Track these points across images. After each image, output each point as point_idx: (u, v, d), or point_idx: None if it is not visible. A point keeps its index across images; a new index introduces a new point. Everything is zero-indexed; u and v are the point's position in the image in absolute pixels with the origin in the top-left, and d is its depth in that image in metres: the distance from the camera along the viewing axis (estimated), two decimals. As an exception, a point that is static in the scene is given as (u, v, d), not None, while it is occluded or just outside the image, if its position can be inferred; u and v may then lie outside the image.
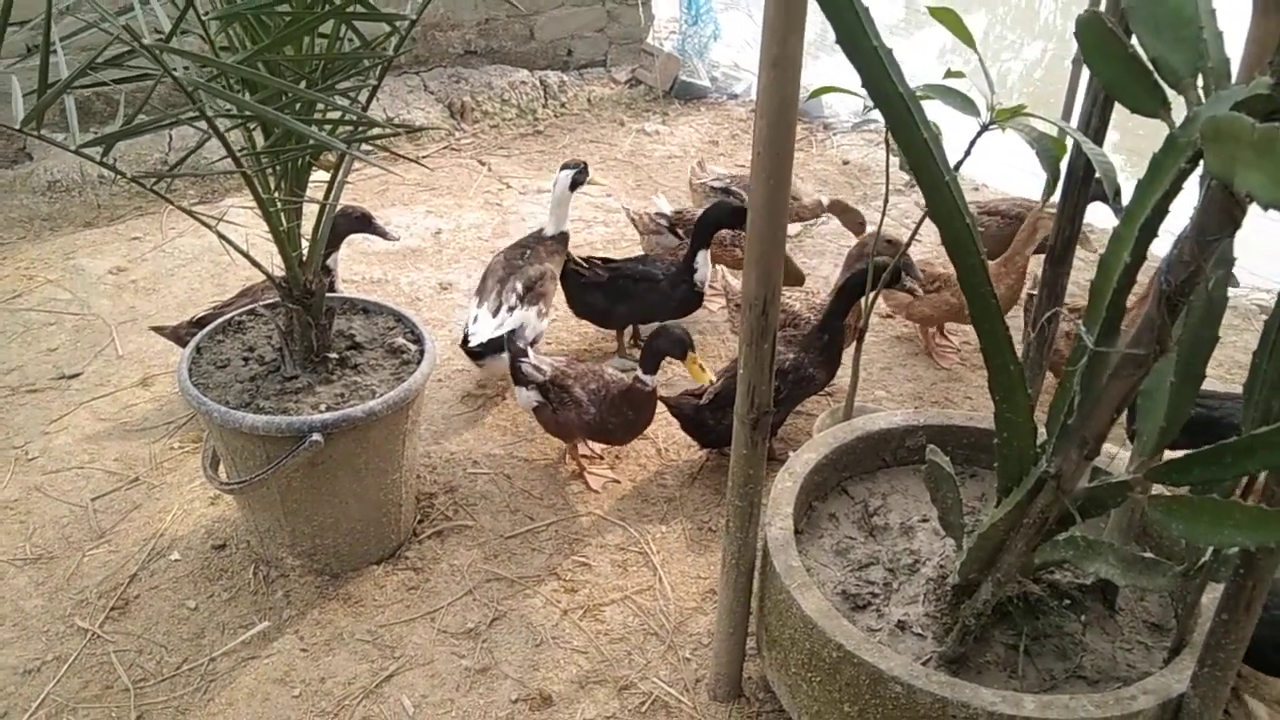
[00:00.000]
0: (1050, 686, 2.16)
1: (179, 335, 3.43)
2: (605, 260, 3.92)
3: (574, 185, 3.76)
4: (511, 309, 3.52)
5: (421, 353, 2.86)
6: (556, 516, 3.12)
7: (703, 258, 3.76)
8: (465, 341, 3.49)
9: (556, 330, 4.14)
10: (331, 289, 3.40)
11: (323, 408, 2.65)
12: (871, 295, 2.89)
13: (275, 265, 2.68)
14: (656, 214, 4.31)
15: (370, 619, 2.76)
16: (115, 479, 3.27)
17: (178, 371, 2.72)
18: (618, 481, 3.27)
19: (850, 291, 3.20)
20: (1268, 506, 1.56)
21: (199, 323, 3.37)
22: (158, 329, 3.52)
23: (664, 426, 3.54)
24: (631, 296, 3.79)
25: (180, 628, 2.74)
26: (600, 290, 3.81)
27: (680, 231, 4.24)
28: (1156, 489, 1.90)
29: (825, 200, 4.41)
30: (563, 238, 3.77)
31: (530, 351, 3.24)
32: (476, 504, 3.16)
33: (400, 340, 2.91)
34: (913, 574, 2.43)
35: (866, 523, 2.62)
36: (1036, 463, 1.91)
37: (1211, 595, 2.04)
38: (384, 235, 3.65)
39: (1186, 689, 1.96)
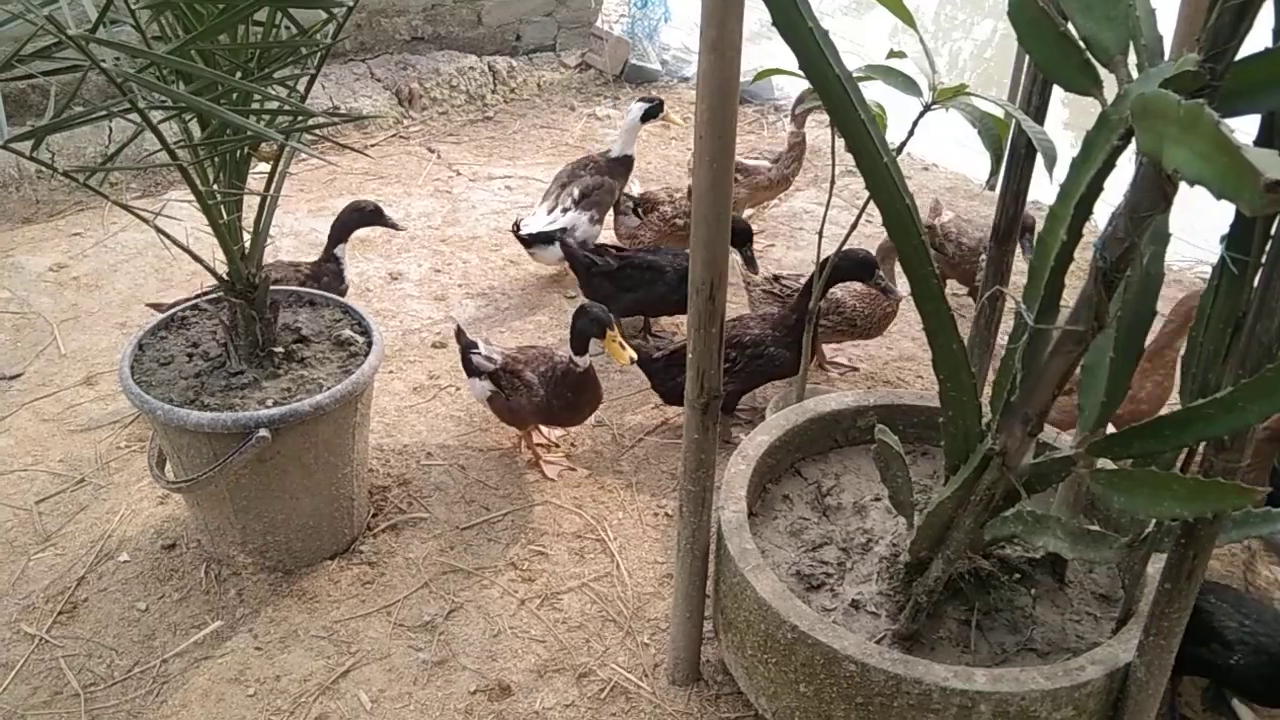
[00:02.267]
0: (1002, 660, 2.19)
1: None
2: (617, 249, 3.93)
3: (646, 117, 4.23)
4: (565, 210, 4.08)
5: (369, 344, 2.82)
6: (513, 506, 3.11)
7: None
8: (517, 228, 4.07)
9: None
10: (340, 279, 3.53)
11: (269, 403, 2.61)
12: (820, 284, 2.90)
13: (218, 260, 2.63)
14: (624, 195, 4.31)
15: (325, 615, 2.74)
16: (60, 480, 3.20)
17: (119, 370, 2.67)
18: (573, 469, 3.27)
19: (831, 279, 3.22)
20: (1204, 478, 1.59)
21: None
22: (154, 305, 3.50)
23: (619, 413, 3.54)
24: (639, 286, 3.77)
25: (131, 630, 2.69)
26: (609, 279, 3.80)
27: (641, 212, 4.24)
28: (1100, 463, 1.93)
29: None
30: (627, 160, 4.28)
31: (480, 343, 3.22)
32: (431, 496, 3.14)
33: (347, 332, 2.88)
34: (866, 553, 2.45)
35: (820, 503, 2.64)
36: (982, 440, 1.93)
37: (1156, 565, 2.08)
38: (395, 227, 3.76)
39: (1133, 658, 2.00)
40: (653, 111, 4.25)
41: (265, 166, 2.70)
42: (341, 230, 3.53)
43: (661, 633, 2.68)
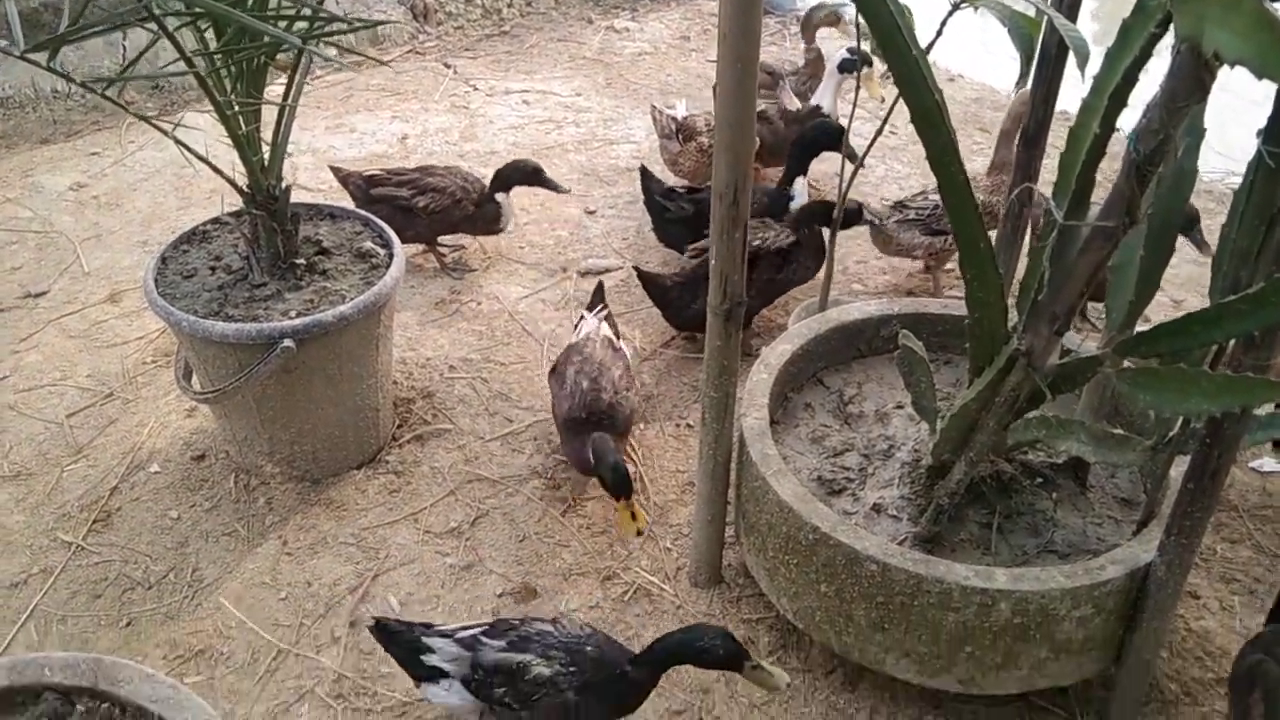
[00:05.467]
0: (1022, 561, 2.21)
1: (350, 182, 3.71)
2: (690, 189, 3.68)
3: (844, 69, 3.92)
4: None
5: (390, 257, 2.82)
6: (535, 418, 3.13)
7: (800, 185, 3.53)
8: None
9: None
10: (496, 220, 3.70)
11: (293, 314, 2.62)
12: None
13: (238, 172, 2.62)
14: (669, 116, 4.17)
15: (353, 522, 2.79)
16: (89, 395, 3.25)
17: (144, 282, 2.68)
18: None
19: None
20: (1233, 374, 1.57)
21: (371, 180, 3.67)
22: (335, 169, 3.74)
23: (640, 325, 3.54)
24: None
25: (163, 537, 2.75)
26: (684, 224, 3.57)
27: (681, 138, 4.09)
28: (1126, 363, 1.92)
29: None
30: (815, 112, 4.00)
31: (602, 306, 3.03)
32: (455, 408, 3.17)
33: (369, 245, 2.87)
34: (887, 459, 2.47)
35: (842, 411, 2.64)
36: (1008, 341, 1.92)
37: (1179, 469, 2.07)
38: (555, 188, 3.73)
39: (1154, 558, 2.01)
40: (849, 64, 3.86)
41: (281, 81, 2.67)
42: (502, 182, 3.66)
43: (683, 538, 2.71)
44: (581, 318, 3.04)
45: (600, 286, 3.14)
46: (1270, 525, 2.80)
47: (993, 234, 2.24)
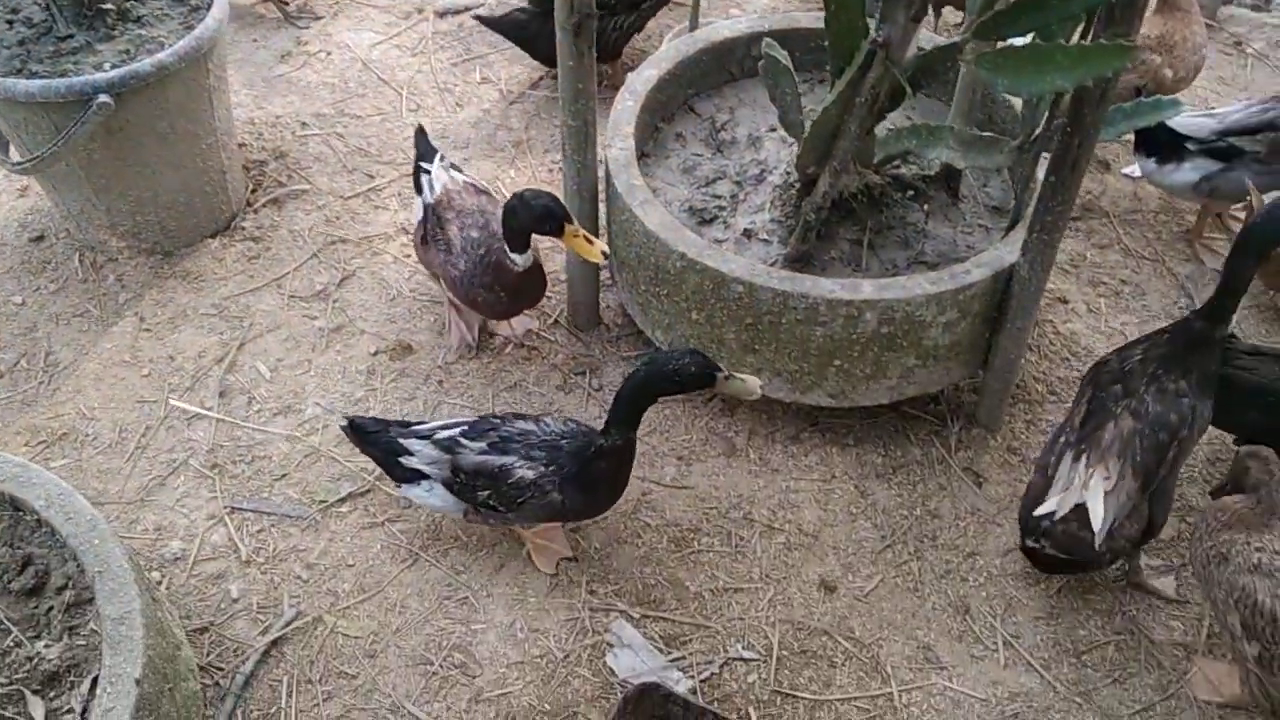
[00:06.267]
0: (893, 274, 2.20)
1: None
2: None
3: None
4: None
5: (212, -2, 2.54)
6: (397, 173, 2.96)
7: None
8: None
9: None
10: None
11: (107, 66, 2.36)
12: None
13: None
14: None
15: (213, 293, 2.65)
16: (-96, 180, 2.96)
17: (-71, 41, 2.38)
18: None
19: None
20: (1087, 44, 1.50)
21: None
22: None
23: (506, 65, 3.31)
24: None
25: (9, 325, 2.59)
26: None
27: None
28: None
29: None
30: None
31: (437, 163, 2.45)
32: (311, 167, 2.97)
33: (186, -15, 2.58)
34: (759, 184, 2.39)
35: (714, 139, 2.54)
36: (867, 35, 1.80)
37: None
38: None
39: (1018, 258, 2.01)
40: None
41: None
42: None
43: (560, 284, 2.65)
44: (420, 189, 2.47)
45: (420, 131, 2.57)
46: (1138, 229, 2.85)
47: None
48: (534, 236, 2.17)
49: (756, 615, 2.06)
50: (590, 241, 2.13)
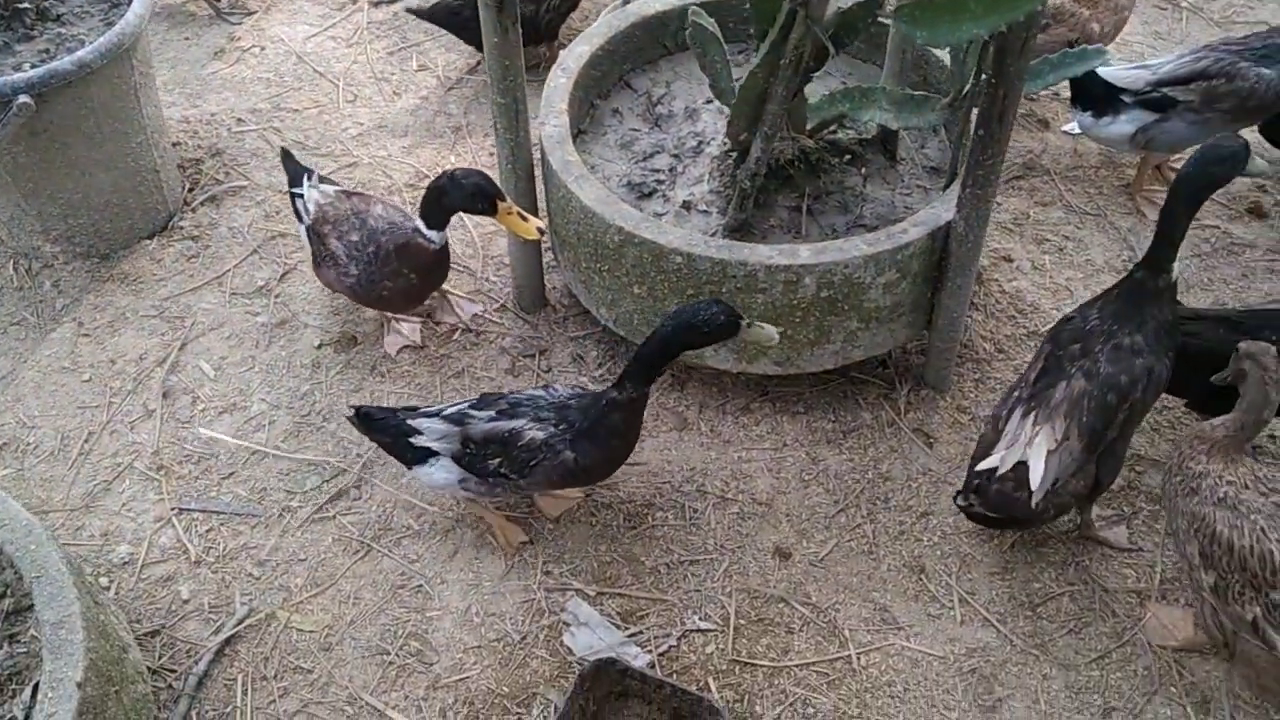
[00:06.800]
0: (832, 239, 2.19)
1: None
2: None
3: None
4: None
5: (133, -8, 2.49)
6: (337, 164, 2.92)
7: None
8: None
9: None
10: None
11: (26, 67, 2.32)
12: None
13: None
14: None
15: (152, 294, 2.61)
16: None
17: None
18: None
19: None
20: (1002, -8, 1.50)
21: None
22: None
23: (443, 52, 3.28)
24: None
25: (-57, 336, 2.54)
26: None
27: None
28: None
29: None
30: None
31: (308, 182, 2.39)
32: (248, 163, 2.93)
33: (106, -19, 2.53)
34: (698, 155, 2.38)
35: (651, 113, 2.52)
36: (787, -4, 1.79)
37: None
38: None
39: (954, 215, 2.01)
40: None
41: None
42: None
43: (506, 268, 2.62)
44: (298, 212, 2.41)
45: (286, 154, 2.49)
46: (1080, 185, 2.86)
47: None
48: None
49: (712, 586, 2.06)
50: (525, 218, 2.11)
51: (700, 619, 2.01)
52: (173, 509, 2.19)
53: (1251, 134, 2.83)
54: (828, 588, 2.05)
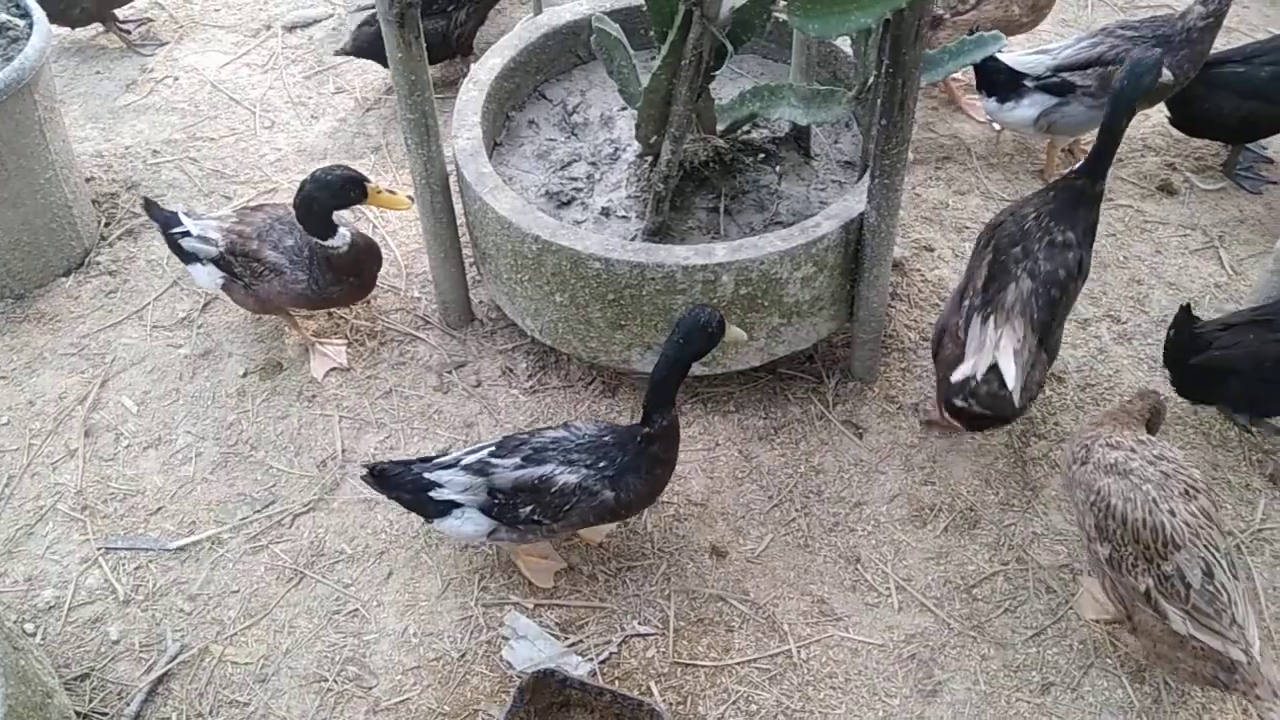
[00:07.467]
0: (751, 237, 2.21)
1: None
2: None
3: None
4: None
5: (31, 26, 2.44)
6: (255, 191, 2.89)
7: None
8: None
9: None
10: None
11: (-78, 107, 2.27)
12: None
13: None
14: None
15: (70, 331, 2.55)
16: None
17: None
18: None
19: None
20: (887, -18, 1.52)
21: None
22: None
23: (359, 74, 3.26)
24: None
25: None
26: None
27: None
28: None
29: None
30: None
31: (186, 218, 2.35)
32: (165, 194, 2.88)
33: (4, 16, 2.48)
34: (615, 162, 2.39)
35: (567, 122, 2.53)
36: (684, -2, 1.81)
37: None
38: None
39: (865, 206, 2.03)
40: None
41: None
42: None
43: (430, 284, 2.61)
44: (188, 256, 2.37)
45: (149, 203, 2.41)
46: (996, 172, 2.91)
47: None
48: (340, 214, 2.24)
49: (651, 589, 2.05)
50: (394, 193, 2.22)
51: (640, 624, 2.00)
52: (99, 549, 2.15)
53: (1160, 114, 2.91)
54: (765, 584, 2.06)
